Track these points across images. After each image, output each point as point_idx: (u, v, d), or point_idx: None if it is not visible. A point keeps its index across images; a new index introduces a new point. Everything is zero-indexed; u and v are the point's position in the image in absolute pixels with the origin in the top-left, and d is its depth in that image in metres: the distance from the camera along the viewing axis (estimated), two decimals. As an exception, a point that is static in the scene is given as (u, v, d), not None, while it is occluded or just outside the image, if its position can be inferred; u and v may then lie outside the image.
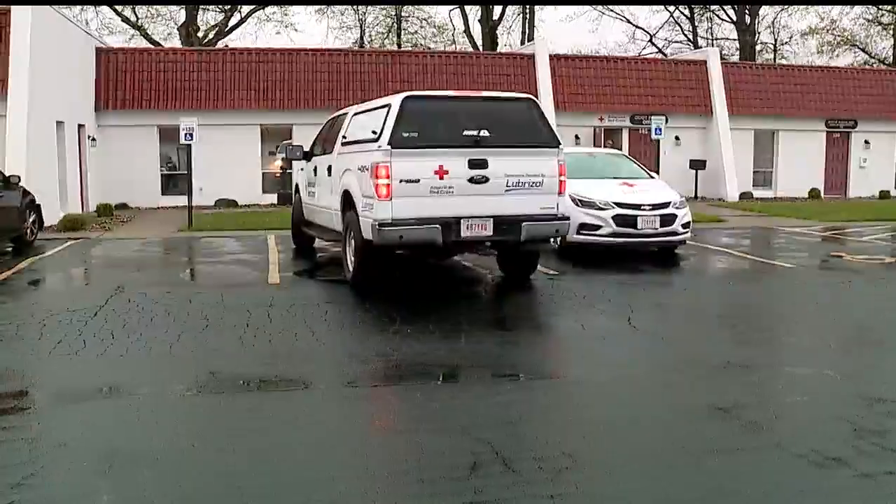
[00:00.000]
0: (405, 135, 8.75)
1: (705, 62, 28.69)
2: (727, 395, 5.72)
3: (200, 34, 38.28)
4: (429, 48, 42.08)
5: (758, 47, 46.06)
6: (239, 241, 15.57)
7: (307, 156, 12.40)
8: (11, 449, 4.64)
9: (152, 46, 36.14)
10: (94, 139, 23.53)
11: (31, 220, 14.84)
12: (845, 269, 11.88)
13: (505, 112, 9.58)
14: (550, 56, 27.57)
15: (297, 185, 13.80)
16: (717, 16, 46.23)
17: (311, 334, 7.54)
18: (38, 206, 15.31)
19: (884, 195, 29.34)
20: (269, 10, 41.50)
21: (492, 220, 8.97)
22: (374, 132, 9.04)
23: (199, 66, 25.34)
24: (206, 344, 7.17)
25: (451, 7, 44.50)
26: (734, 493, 4.05)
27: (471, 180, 8.87)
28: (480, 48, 41.84)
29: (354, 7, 44.10)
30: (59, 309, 8.59)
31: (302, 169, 13.12)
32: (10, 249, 14.02)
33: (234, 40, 41.21)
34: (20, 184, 14.72)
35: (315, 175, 11.87)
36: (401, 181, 8.68)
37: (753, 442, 4.77)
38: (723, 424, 5.09)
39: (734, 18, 44.89)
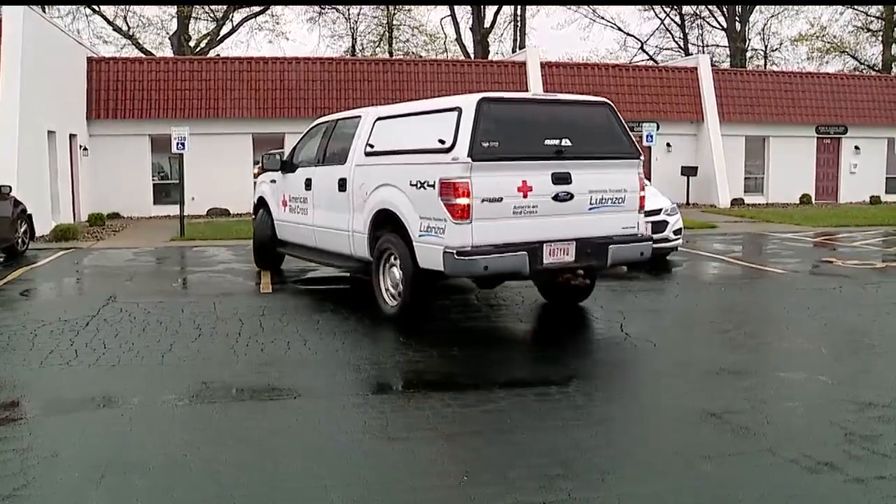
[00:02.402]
0: (485, 144, 7.35)
1: (696, 69, 28.80)
2: (719, 400, 5.73)
3: (192, 43, 38.29)
4: (420, 56, 42.13)
5: (748, 54, 46.27)
6: (231, 250, 15.55)
7: (285, 167, 10.97)
8: (3, 460, 4.62)
9: (144, 56, 36.12)
10: (85, 149, 23.50)
11: (22, 230, 14.82)
12: (836, 274, 11.92)
13: (583, 118, 8.26)
14: (542, 63, 27.66)
15: (261, 200, 12.01)
16: (708, 23, 46.46)
17: (303, 343, 7.53)
18: (30, 216, 15.29)
19: (874, 200, 29.47)
20: (261, 18, 41.58)
21: (574, 243, 7.74)
22: (441, 141, 7.53)
23: (190, 76, 25.34)
24: (198, 353, 7.15)
25: (443, 15, 44.61)
26: (726, 498, 4.06)
27: (555, 198, 7.62)
28: (472, 56, 41.94)
29: (346, 16, 44.19)
30: (50, 319, 8.57)
31: (272, 181, 11.52)
32: (1, 260, 13.98)
33: (226, 49, 41.29)
34: (11, 194, 14.70)
35: (307, 189, 10.22)
36: (483, 200, 7.30)
37: (745, 447, 4.79)
38: (715, 429, 5.10)
39: (725, 25, 45.09)
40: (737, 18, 44.20)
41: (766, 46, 47.82)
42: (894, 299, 9.90)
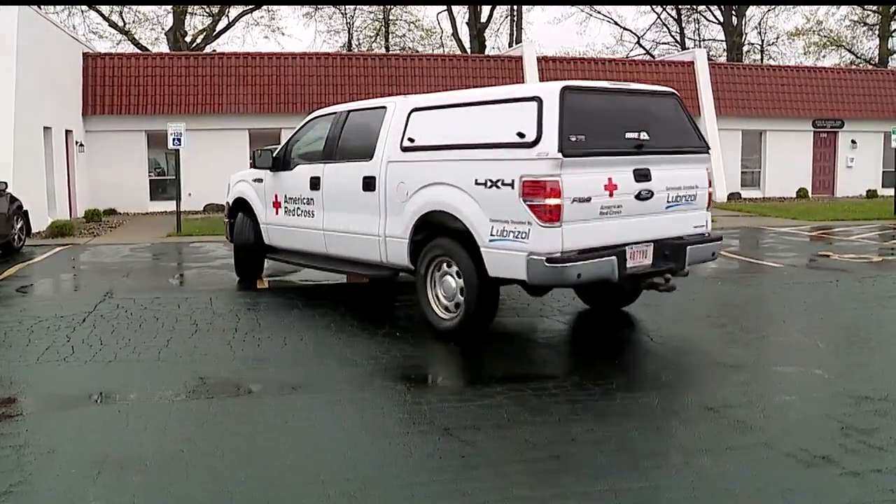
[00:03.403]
0: (573, 138, 6.65)
1: (693, 63, 28.80)
2: (716, 394, 5.74)
3: (188, 39, 38.20)
4: (417, 51, 42.09)
5: (745, 48, 46.28)
6: (228, 245, 15.50)
7: (277, 164, 9.80)
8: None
9: (140, 51, 36.03)
10: (81, 145, 23.47)
11: (18, 226, 14.80)
12: (833, 268, 11.94)
13: (655, 109, 7.70)
14: (538, 58, 27.65)
15: (239, 202, 10.70)
16: (705, 17, 46.46)
17: (299, 338, 7.53)
18: (26, 212, 15.26)
19: (871, 194, 29.50)
20: (257, 14, 41.51)
21: (652, 245, 7.18)
22: (520, 134, 6.72)
23: (186, 71, 25.30)
24: (195, 349, 7.15)
25: (439, 10, 44.57)
26: (723, 492, 4.06)
27: (637, 196, 7.03)
28: (468, 51, 41.90)
29: (342, 11, 44.16)
30: (47, 315, 8.56)
31: (257, 181, 10.30)
32: (-3, 256, 13.96)
33: (222, 45, 41.25)
34: (7, 190, 14.69)
35: (314, 189, 9.10)
36: (573, 200, 6.60)
37: (742, 441, 4.79)
38: (712, 423, 5.10)
39: (721, 20, 45.09)
40: (733, 13, 44.19)
41: (762, 41, 47.88)
42: (891, 293, 9.91)
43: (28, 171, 18.20)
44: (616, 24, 48.84)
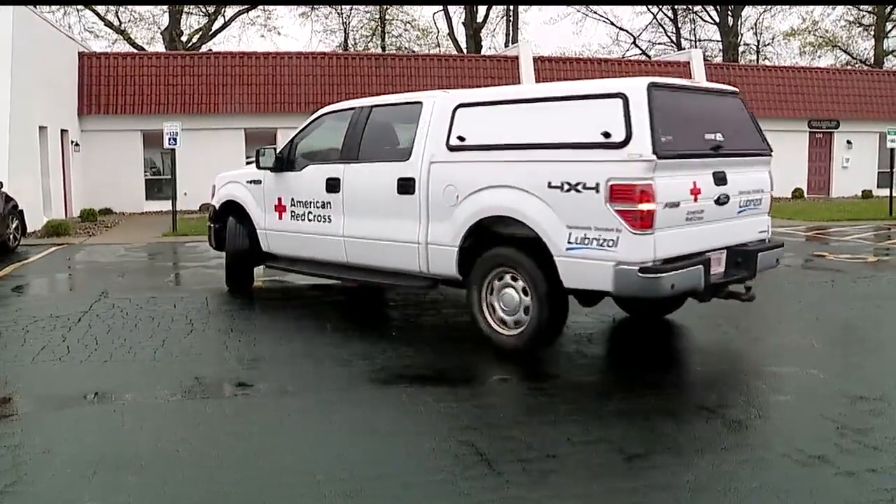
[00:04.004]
0: (663, 139, 6.10)
1: (689, 63, 28.85)
2: (711, 394, 5.75)
3: (184, 38, 38.17)
4: (413, 51, 42.09)
5: (741, 48, 46.35)
6: (224, 245, 15.51)
7: (281, 164, 8.99)
8: (-6, 456, 4.62)
9: (136, 51, 35.99)
10: (77, 144, 23.44)
11: (13, 225, 14.79)
12: (829, 268, 11.96)
13: (723, 109, 7.25)
14: (534, 58, 27.66)
15: (229, 206, 9.85)
16: (701, 17, 46.52)
17: (295, 338, 7.52)
18: (21, 211, 15.25)
19: (866, 195, 29.57)
20: (253, 13, 41.50)
21: (724, 252, 6.80)
22: (605, 133, 6.14)
23: (182, 71, 25.28)
24: (190, 349, 7.14)
25: (436, 10, 44.58)
26: (719, 492, 4.06)
27: (717, 201, 6.60)
28: (465, 51, 41.90)
29: (338, 11, 44.15)
30: (42, 315, 8.55)
31: (253, 182, 9.45)
32: (-8, 256, 13.94)
33: (218, 44, 41.22)
34: (2, 189, 14.66)
35: (332, 191, 8.28)
36: (665, 206, 6.09)
37: (738, 440, 4.80)
38: (707, 424, 5.11)
39: (717, 20, 45.15)
40: (729, 13, 44.25)
41: (758, 41, 47.94)
42: (886, 293, 9.94)
43: (23, 170, 18.17)
44: (612, 24, 48.76)
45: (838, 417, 5.20)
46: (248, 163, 24.97)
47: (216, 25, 40.29)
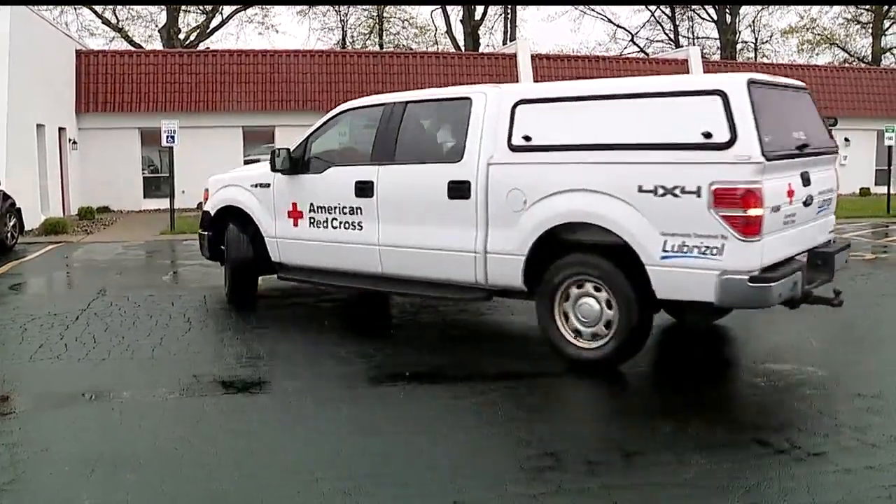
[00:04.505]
0: (766, 139, 5.67)
1: (687, 61, 28.81)
2: (709, 391, 5.75)
3: (182, 36, 38.11)
4: (411, 49, 42.07)
5: (738, 46, 46.31)
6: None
7: (297, 166, 8.14)
8: (-8, 454, 4.61)
9: (133, 48, 35.94)
10: (74, 142, 23.41)
11: (11, 224, 14.76)
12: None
13: (798, 106, 6.75)
14: (532, 56, 27.63)
15: (229, 210, 8.93)
16: (699, 15, 46.46)
17: (293, 336, 7.52)
18: (19, 209, 15.23)
19: (864, 192, 29.55)
20: (251, 11, 41.39)
21: (806, 255, 6.42)
22: (706, 134, 5.68)
23: (180, 68, 25.23)
24: (188, 347, 7.14)
25: (433, 8, 44.55)
26: (717, 489, 4.07)
27: (805, 202, 6.19)
28: (462, 49, 41.86)
29: (336, 8, 44.10)
30: (40, 313, 8.54)
31: (258, 186, 8.57)
32: (-10, 254, 13.92)
33: (216, 42, 41.13)
34: (0, 188, 14.63)
35: (363, 195, 7.55)
36: (771, 210, 5.68)
37: (736, 437, 4.80)
38: (705, 420, 5.11)
39: (715, 17, 45.12)
40: (727, 11, 44.25)
41: (756, 39, 47.87)
42: (884, 291, 9.94)
43: (21, 168, 18.14)
44: (610, 21, 48.57)
45: (837, 415, 5.22)
46: (246, 162, 25.17)
47: (214, 23, 40.22)
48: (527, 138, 6.56)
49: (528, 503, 3.93)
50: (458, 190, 6.87)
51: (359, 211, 7.64)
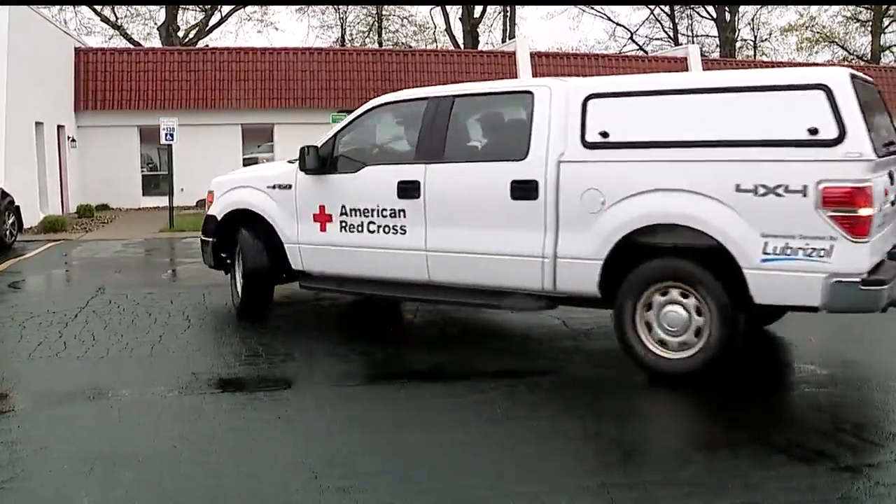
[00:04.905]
0: (872, 136, 5.44)
1: (686, 59, 28.80)
2: (709, 390, 5.74)
3: (181, 34, 38.09)
4: (410, 47, 42.06)
5: (738, 44, 46.32)
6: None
7: (324, 164, 7.45)
8: (-9, 452, 4.61)
9: (132, 46, 35.92)
10: (73, 140, 23.40)
11: (10, 221, 14.75)
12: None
13: (878, 102, 6.37)
14: (531, 54, 27.64)
15: (241, 214, 8.12)
16: (698, 13, 46.47)
17: (292, 334, 7.51)
18: (18, 207, 15.22)
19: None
20: (250, 9, 41.38)
21: (885, 256, 5.93)
22: (811, 130, 5.36)
23: (179, 66, 25.22)
24: (187, 345, 7.13)
25: (432, 6, 44.55)
26: (717, 488, 4.06)
27: (893, 202, 5.90)
28: (462, 46, 41.86)
29: (335, 6, 44.08)
30: (39, 311, 8.53)
31: (276, 187, 7.83)
32: (-11, 252, 13.92)
33: (215, 40, 41.04)
34: (-1, 185, 14.65)
35: (407, 197, 6.95)
36: (877, 209, 5.41)
37: (736, 436, 4.79)
38: (705, 419, 5.11)
39: (714, 15, 45.12)
40: (726, 9, 44.24)
41: (755, 37, 47.89)
42: None
43: (19, 166, 18.13)
44: (609, 19, 48.56)
45: (837, 413, 5.21)
46: (246, 161, 25.16)
47: (213, 21, 40.23)
48: (604, 134, 6.08)
49: (528, 501, 3.93)
50: (524, 190, 6.34)
51: (402, 213, 7.02)
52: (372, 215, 7.22)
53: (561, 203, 6.22)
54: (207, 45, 35.77)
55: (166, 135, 18.08)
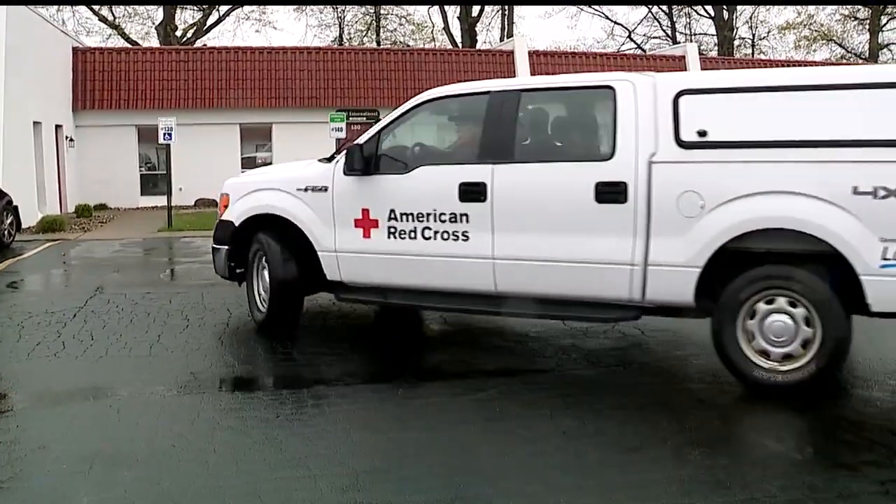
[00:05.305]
0: None
1: (684, 57, 28.81)
2: (707, 387, 5.75)
3: (178, 33, 38.06)
4: (408, 45, 42.06)
5: (736, 42, 46.31)
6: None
7: (368, 164, 6.78)
8: (-10, 452, 4.61)
9: (130, 46, 35.89)
10: (71, 140, 23.39)
11: (8, 221, 14.75)
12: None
13: None
14: (529, 52, 27.67)
15: (265, 219, 7.39)
16: (696, 11, 46.47)
17: (291, 333, 7.51)
18: (16, 207, 15.21)
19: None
20: (248, 8, 41.36)
21: None
22: None
23: (177, 66, 25.23)
24: (186, 344, 7.13)
25: (430, 5, 44.54)
26: (715, 485, 4.07)
27: None
28: (460, 45, 41.84)
29: (333, 6, 44.08)
30: (37, 311, 8.53)
31: (317, 189, 7.07)
32: (-13, 251, 13.91)
33: (213, 39, 41.06)
34: (-3, 185, 14.64)
35: (470, 199, 6.37)
36: None
37: (734, 433, 4.81)
38: (702, 417, 5.11)
39: (712, 14, 45.12)
40: (724, 7, 44.24)
41: (753, 35, 47.89)
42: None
43: (17, 166, 18.12)
44: (607, 18, 48.58)
45: (835, 410, 5.22)
46: (244, 161, 25.16)
47: (210, 20, 40.23)
48: (702, 133, 5.69)
49: (526, 500, 3.93)
50: (611, 193, 5.88)
51: (464, 218, 6.44)
52: (427, 220, 6.61)
53: (653, 206, 5.78)
54: (205, 45, 35.77)
55: (164, 134, 18.08)
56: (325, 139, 20.36)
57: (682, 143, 5.71)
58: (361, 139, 6.93)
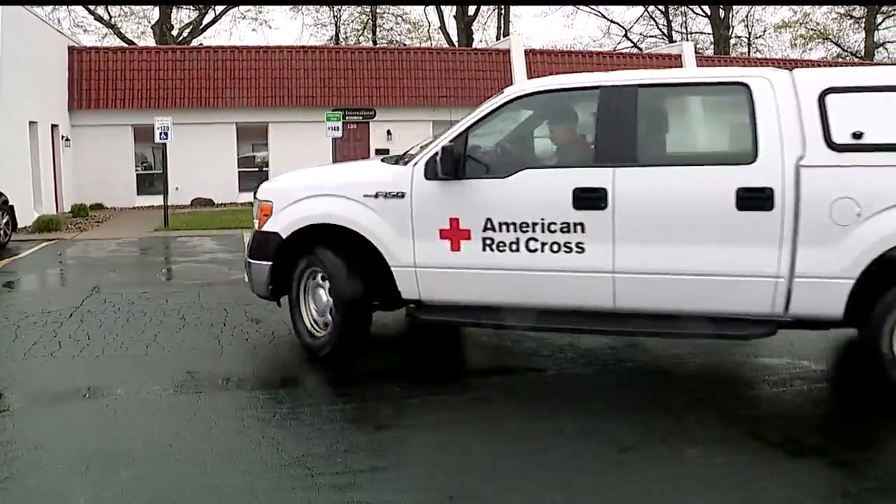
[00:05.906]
0: None
1: (680, 56, 28.83)
2: (703, 386, 5.76)
3: (174, 32, 38.04)
4: (404, 44, 42.05)
5: (732, 41, 46.37)
6: (215, 239, 15.50)
7: (456, 166, 5.87)
8: (-14, 452, 4.60)
9: (126, 45, 35.84)
10: (67, 139, 23.34)
11: (3, 221, 14.73)
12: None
13: None
14: (526, 51, 27.66)
15: (315, 230, 6.38)
16: (692, 10, 46.52)
17: (288, 332, 7.50)
18: (12, 207, 15.18)
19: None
20: (244, 7, 41.31)
21: None
22: None
23: (173, 65, 25.17)
24: (183, 343, 7.12)
25: (426, 4, 44.55)
26: (712, 484, 4.07)
27: None
28: (456, 44, 41.85)
29: (329, 5, 44.07)
30: (34, 310, 8.51)
31: (392, 195, 6.11)
32: (-17, 251, 13.89)
33: (209, 38, 41.00)
34: (-8, 185, 14.62)
35: (594, 208, 5.61)
36: None
37: (731, 432, 4.80)
38: (700, 415, 5.12)
39: (708, 13, 45.18)
40: (720, 6, 44.30)
41: (749, 34, 47.96)
42: None
43: (13, 165, 18.08)
44: (603, 17, 48.69)
45: (832, 408, 5.23)
46: (242, 161, 25.15)
47: (206, 20, 40.17)
48: (857, 135, 5.20)
49: (524, 498, 3.93)
50: (755, 199, 5.33)
51: (579, 228, 5.70)
52: (534, 230, 5.83)
53: (802, 214, 5.25)
54: (201, 44, 35.70)
55: (161, 133, 18.08)
56: (322, 138, 20.39)
57: (833, 146, 5.22)
58: (445, 139, 6.07)
